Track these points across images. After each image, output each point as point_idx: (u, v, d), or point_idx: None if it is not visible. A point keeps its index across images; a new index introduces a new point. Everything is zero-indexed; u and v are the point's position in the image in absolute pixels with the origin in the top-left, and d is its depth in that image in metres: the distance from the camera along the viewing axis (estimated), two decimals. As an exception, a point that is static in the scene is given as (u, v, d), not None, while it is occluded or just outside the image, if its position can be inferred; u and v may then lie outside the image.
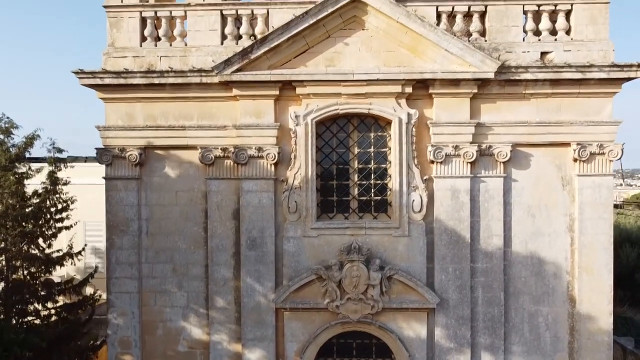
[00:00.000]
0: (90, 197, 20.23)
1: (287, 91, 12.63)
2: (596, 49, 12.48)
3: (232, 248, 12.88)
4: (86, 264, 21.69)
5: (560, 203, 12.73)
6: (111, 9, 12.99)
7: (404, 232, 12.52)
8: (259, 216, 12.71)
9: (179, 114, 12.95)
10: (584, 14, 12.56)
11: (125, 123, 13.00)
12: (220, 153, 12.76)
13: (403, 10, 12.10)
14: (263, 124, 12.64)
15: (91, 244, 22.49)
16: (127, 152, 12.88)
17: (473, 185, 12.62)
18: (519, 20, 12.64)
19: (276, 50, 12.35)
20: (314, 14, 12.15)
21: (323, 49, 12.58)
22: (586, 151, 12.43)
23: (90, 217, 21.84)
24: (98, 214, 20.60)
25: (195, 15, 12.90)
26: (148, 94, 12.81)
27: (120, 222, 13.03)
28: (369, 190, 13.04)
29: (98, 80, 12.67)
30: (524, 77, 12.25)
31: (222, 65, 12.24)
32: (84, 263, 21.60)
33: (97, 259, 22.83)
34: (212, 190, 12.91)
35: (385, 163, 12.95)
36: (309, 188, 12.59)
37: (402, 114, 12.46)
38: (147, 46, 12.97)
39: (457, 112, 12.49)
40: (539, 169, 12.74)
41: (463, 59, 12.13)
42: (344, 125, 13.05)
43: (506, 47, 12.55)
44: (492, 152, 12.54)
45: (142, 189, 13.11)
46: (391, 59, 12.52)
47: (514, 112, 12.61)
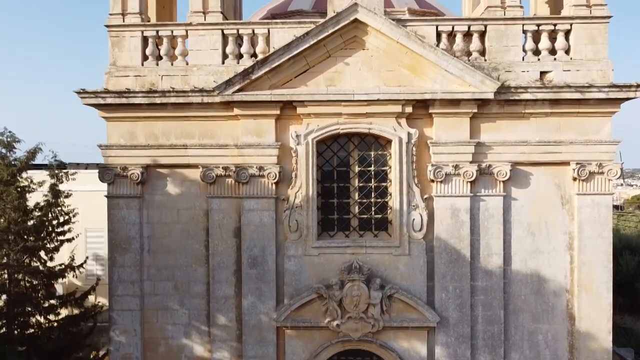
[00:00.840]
0: (91, 204, 20.37)
1: (288, 110, 12.71)
2: (595, 68, 12.55)
3: (233, 266, 12.96)
4: (87, 271, 21.83)
5: (559, 221, 12.81)
6: (113, 29, 13.07)
7: (404, 251, 12.60)
8: (260, 235, 12.79)
9: (180, 132, 13.03)
10: (583, 34, 12.64)
11: (127, 142, 13.07)
12: (221, 172, 12.83)
13: (403, 31, 12.17)
14: (264, 144, 12.71)
15: (92, 250, 22.66)
16: (129, 171, 12.95)
17: (473, 203, 12.69)
18: (518, 39, 12.72)
19: (277, 70, 12.43)
20: (315, 34, 12.22)
21: (324, 68, 12.66)
22: (585, 170, 12.51)
23: (91, 224, 21.99)
24: (99, 220, 20.73)
25: (196, 35, 12.98)
26: (150, 113, 12.89)
27: (122, 240, 13.11)
28: (370, 209, 13.11)
29: (100, 99, 12.74)
30: (524, 97, 12.33)
31: (223, 86, 12.32)
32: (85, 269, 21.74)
33: (99, 266, 22.98)
34: (214, 209, 12.99)
35: (386, 181, 13.02)
36: (309, 207, 12.66)
37: (403, 133, 12.53)
38: (149, 65, 13.05)
39: (457, 131, 12.56)
40: (539, 188, 12.82)
41: (463, 79, 12.21)
42: (345, 144, 13.12)
43: (506, 67, 12.62)
44: (491, 171, 12.61)
45: (144, 207, 13.19)
46: (391, 78, 12.59)
47: (513, 131, 12.69)
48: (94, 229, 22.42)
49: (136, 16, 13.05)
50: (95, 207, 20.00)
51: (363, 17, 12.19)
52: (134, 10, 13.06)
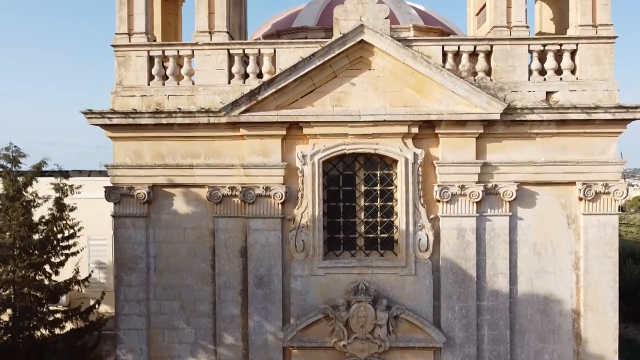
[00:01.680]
0: (94, 212, 20.36)
1: (294, 130, 12.73)
2: (601, 88, 12.56)
3: (239, 285, 12.99)
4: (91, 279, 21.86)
5: (565, 241, 12.82)
6: (119, 48, 13.09)
7: (410, 271, 12.62)
8: (266, 254, 12.81)
9: (186, 152, 13.05)
10: (589, 54, 12.64)
11: (134, 161, 13.09)
12: (227, 192, 12.86)
13: (409, 52, 12.18)
14: (270, 164, 12.73)
15: (95, 257, 22.64)
16: (135, 191, 12.98)
17: (479, 223, 12.71)
18: (524, 59, 12.72)
19: (283, 90, 12.44)
20: (321, 55, 12.24)
21: (330, 88, 12.68)
22: (591, 190, 12.52)
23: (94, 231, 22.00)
24: (102, 227, 20.82)
25: (202, 55, 13.00)
26: (156, 133, 12.91)
27: (128, 260, 13.13)
28: (376, 228, 13.13)
29: (106, 120, 12.77)
30: (530, 118, 12.34)
31: (229, 107, 12.34)
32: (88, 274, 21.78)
33: (102, 274, 22.98)
34: (220, 228, 13.01)
35: (392, 200, 13.03)
36: (316, 227, 12.68)
37: (409, 154, 12.54)
38: (155, 85, 13.06)
39: (463, 151, 12.58)
40: (545, 207, 12.83)
41: (469, 100, 12.22)
42: (351, 163, 13.14)
43: (512, 87, 12.63)
44: (498, 191, 12.63)
45: (150, 226, 13.21)
46: (397, 98, 12.61)
47: (519, 151, 12.70)
48: (97, 237, 22.44)
49: (142, 36, 13.07)
50: (98, 214, 20.04)
51: (369, 39, 12.21)
52: (140, 30, 13.08)
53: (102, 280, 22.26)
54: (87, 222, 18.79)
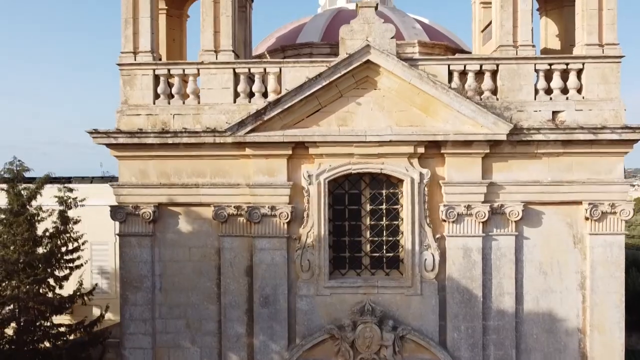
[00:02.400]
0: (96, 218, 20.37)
1: (300, 150, 12.72)
2: (608, 108, 12.53)
3: (245, 304, 12.97)
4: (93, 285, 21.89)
5: (571, 261, 12.79)
6: (125, 67, 13.08)
7: (416, 291, 12.60)
8: (271, 274, 12.80)
9: (192, 171, 13.03)
10: (595, 73, 12.61)
11: (139, 180, 13.08)
12: (233, 211, 12.84)
13: (416, 72, 12.16)
14: (276, 183, 12.71)
15: (97, 263, 22.63)
16: (140, 210, 12.97)
17: (485, 243, 12.69)
18: (530, 79, 12.69)
19: (289, 110, 12.43)
20: (327, 76, 12.23)
21: (336, 108, 12.66)
22: (598, 210, 12.49)
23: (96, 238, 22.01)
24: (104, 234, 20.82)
25: (208, 74, 12.98)
26: (161, 152, 12.90)
27: (134, 279, 13.11)
28: (381, 247, 13.11)
29: (112, 139, 12.77)
30: (536, 138, 12.33)
31: (235, 127, 12.32)
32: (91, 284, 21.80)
33: (104, 280, 22.99)
34: (225, 247, 12.99)
35: (398, 219, 13.01)
36: (321, 247, 12.66)
37: (414, 173, 12.52)
38: (161, 104, 13.05)
39: (469, 171, 12.55)
40: (551, 227, 12.80)
41: (475, 120, 12.20)
42: (356, 182, 13.11)
43: (518, 106, 12.60)
44: (504, 211, 12.61)
45: (156, 245, 13.20)
46: (403, 118, 12.59)
47: (525, 170, 12.67)
48: (99, 242, 22.46)
49: (147, 54, 13.06)
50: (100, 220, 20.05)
51: (375, 59, 12.19)
52: (145, 49, 13.07)
53: (105, 286, 22.28)
54: (90, 228, 18.82)
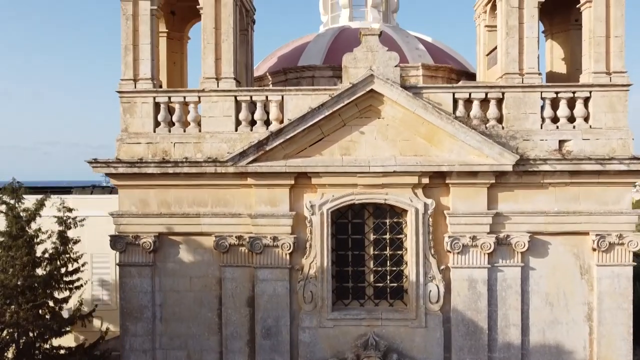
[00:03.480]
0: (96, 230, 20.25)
1: (303, 179, 12.53)
2: (615, 137, 12.32)
3: (246, 335, 12.78)
4: (93, 296, 21.74)
5: (578, 292, 12.59)
6: (125, 95, 12.90)
7: (420, 324, 12.40)
8: (274, 305, 12.61)
9: (193, 200, 12.85)
10: (602, 101, 12.41)
11: (139, 210, 12.90)
12: (234, 241, 12.66)
13: (420, 102, 11.97)
14: (278, 213, 12.52)
15: (98, 275, 22.52)
16: (141, 240, 12.79)
17: (490, 274, 12.49)
18: (536, 107, 12.49)
19: (291, 140, 12.24)
20: (330, 105, 12.04)
21: (339, 137, 12.48)
22: (605, 241, 12.29)
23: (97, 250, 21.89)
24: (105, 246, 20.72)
25: (209, 101, 12.80)
26: (162, 181, 12.72)
27: (134, 309, 12.93)
28: (385, 277, 12.91)
29: (112, 169, 12.59)
30: (543, 168, 12.13)
31: (237, 157, 12.14)
32: (91, 295, 21.66)
33: (104, 291, 22.85)
34: (227, 278, 12.81)
35: (402, 249, 12.82)
36: (324, 278, 12.47)
37: (419, 204, 12.33)
38: (161, 132, 12.87)
39: (474, 201, 12.36)
40: (557, 257, 12.60)
41: (481, 150, 12.00)
42: (360, 211, 12.92)
43: (524, 135, 12.41)
44: (509, 242, 12.41)
45: (156, 275, 13.02)
46: (407, 147, 12.40)
47: (531, 201, 12.47)
48: (99, 254, 22.33)
49: (148, 82, 12.88)
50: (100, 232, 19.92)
51: (379, 89, 12.01)
52: (145, 76, 12.90)
53: (105, 297, 22.16)
54: (90, 240, 18.69)
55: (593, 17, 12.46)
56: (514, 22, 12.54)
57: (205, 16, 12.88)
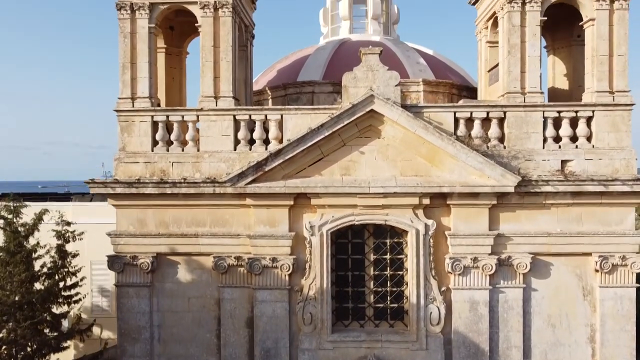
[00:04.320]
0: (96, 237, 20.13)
1: (302, 199, 12.40)
2: (618, 157, 12.18)
3: (245, 357, 12.65)
4: (93, 303, 21.63)
5: (580, 313, 12.45)
6: (122, 114, 12.77)
7: (421, 346, 12.26)
8: (273, 326, 12.47)
9: (191, 220, 12.72)
10: (605, 121, 12.26)
11: (137, 230, 12.77)
12: (233, 261, 12.53)
13: (421, 123, 11.83)
14: (277, 234, 12.39)
15: (97, 282, 22.42)
16: (138, 260, 12.66)
17: (492, 295, 12.36)
18: (538, 126, 12.34)
19: (290, 160, 12.12)
20: (330, 126, 11.91)
21: (338, 157, 12.34)
22: (608, 263, 12.15)
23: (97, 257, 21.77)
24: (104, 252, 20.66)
25: (207, 120, 12.67)
26: (160, 201, 12.59)
27: (132, 330, 12.79)
28: (385, 298, 12.78)
29: (109, 190, 12.47)
30: (545, 189, 11.98)
31: (236, 178, 12.02)
32: (91, 302, 21.54)
33: (104, 299, 22.74)
34: (225, 298, 12.68)
35: (402, 270, 12.68)
36: (324, 300, 12.33)
37: (419, 225, 12.19)
38: (159, 151, 12.73)
39: (475, 222, 12.22)
40: (559, 278, 12.46)
41: (482, 171, 11.86)
42: (360, 231, 12.78)
43: (526, 155, 12.26)
44: (511, 263, 12.27)
45: (154, 295, 12.89)
46: (408, 167, 12.26)
47: (534, 221, 12.33)
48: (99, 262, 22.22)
49: (146, 100, 12.75)
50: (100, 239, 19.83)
51: (379, 109, 11.88)
52: (143, 95, 12.77)
53: (105, 305, 22.05)
54: (90, 247, 18.59)
55: (596, 35, 12.32)
56: (515, 41, 12.40)
57: (204, 34, 12.76)
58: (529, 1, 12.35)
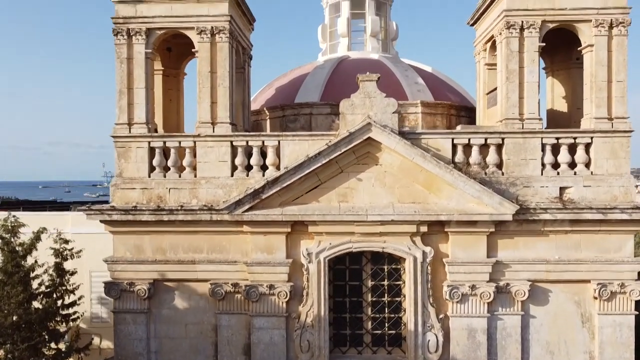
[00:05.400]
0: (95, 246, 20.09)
1: (299, 226, 12.35)
2: (617, 184, 12.11)
3: (243, 384, 12.61)
4: (92, 314, 21.58)
5: (579, 340, 12.39)
6: (119, 139, 12.73)
7: (419, 373, 12.22)
8: (270, 354, 12.43)
9: (188, 246, 12.68)
10: (604, 147, 12.20)
11: (134, 256, 12.73)
12: (230, 288, 12.49)
13: (418, 151, 11.78)
14: (274, 261, 12.35)
15: (97, 292, 22.36)
16: (135, 287, 12.63)
17: (490, 323, 12.30)
18: (537, 153, 12.28)
19: (288, 188, 12.08)
20: (327, 154, 11.86)
21: (336, 184, 12.29)
22: (607, 290, 12.09)
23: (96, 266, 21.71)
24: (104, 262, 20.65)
25: (205, 146, 12.63)
26: (157, 227, 12.55)
27: (129, 356, 12.75)
28: (383, 324, 12.73)
29: (106, 216, 12.42)
30: (543, 217, 11.93)
31: (233, 206, 11.97)
32: (90, 313, 21.47)
33: (104, 308, 22.68)
34: (223, 325, 12.64)
35: (400, 296, 12.63)
36: (321, 327, 12.29)
37: (417, 252, 12.14)
38: (156, 177, 12.69)
39: (473, 249, 12.16)
40: (558, 305, 12.40)
41: (480, 199, 11.81)
42: (358, 257, 12.72)
43: (524, 182, 12.20)
44: (509, 290, 12.21)
45: (151, 321, 12.85)
46: (406, 194, 12.21)
47: (532, 248, 12.27)
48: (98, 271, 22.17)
49: (143, 126, 12.71)
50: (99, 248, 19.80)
51: (377, 137, 11.83)
52: (140, 120, 12.73)
53: (104, 314, 21.98)
54: (89, 256, 18.54)
55: (595, 61, 12.28)
56: (514, 67, 12.35)
57: (201, 60, 12.71)
58: (527, 27, 12.29)
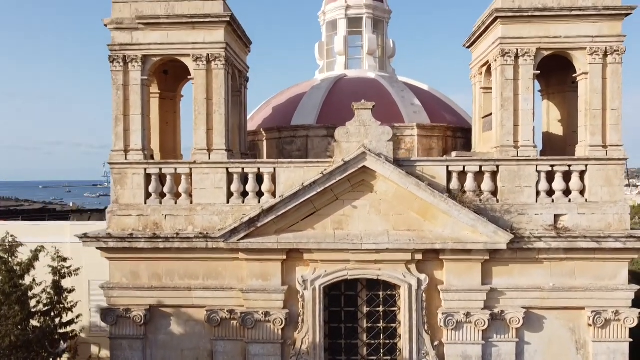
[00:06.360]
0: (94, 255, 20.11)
1: (295, 253, 12.40)
2: (612, 212, 12.15)
3: (238, 410, 12.66)
4: (91, 323, 21.62)
5: (574, 367, 12.44)
6: (115, 166, 12.78)
7: (415, 402, 12.26)
8: (266, 381, 12.48)
9: (184, 272, 12.73)
10: (598, 175, 12.23)
11: (130, 282, 12.79)
12: (226, 315, 12.54)
13: (413, 180, 11.82)
14: (270, 288, 12.39)
15: (96, 302, 22.38)
16: (132, 313, 12.68)
17: (485, 350, 12.35)
18: (532, 180, 12.31)
19: (283, 216, 12.12)
20: (322, 182, 11.91)
21: (331, 211, 12.34)
22: (601, 317, 12.13)
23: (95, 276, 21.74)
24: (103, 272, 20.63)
25: (200, 173, 12.67)
26: (153, 254, 12.62)
27: (125, 382, 12.82)
28: (379, 350, 12.77)
29: (102, 244, 12.48)
30: (538, 245, 11.97)
31: (228, 234, 12.02)
32: (89, 322, 21.52)
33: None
34: (218, 351, 12.69)
35: (395, 322, 12.67)
36: (317, 354, 12.34)
37: (412, 280, 12.18)
38: (152, 203, 12.74)
39: (468, 277, 12.21)
40: (553, 332, 12.45)
41: (475, 228, 11.85)
42: (353, 283, 12.75)
43: (518, 209, 12.24)
44: (504, 317, 12.26)
45: (148, 347, 12.91)
46: (401, 222, 12.25)
47: (526, 275, 12.32)
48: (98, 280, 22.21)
49: (139, 153, 12.76)
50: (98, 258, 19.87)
51: (372, 165, 11.87)
52: (136, 147, 12.78)
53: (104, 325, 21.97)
54: (88, 266, 18.55)
55: (589, 89, 12.32)
56: (509, 94, 12.39)
57: (197, 86, 12.76)
58: (522, 55, 12.34)
